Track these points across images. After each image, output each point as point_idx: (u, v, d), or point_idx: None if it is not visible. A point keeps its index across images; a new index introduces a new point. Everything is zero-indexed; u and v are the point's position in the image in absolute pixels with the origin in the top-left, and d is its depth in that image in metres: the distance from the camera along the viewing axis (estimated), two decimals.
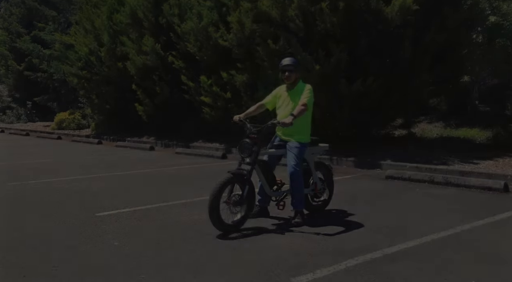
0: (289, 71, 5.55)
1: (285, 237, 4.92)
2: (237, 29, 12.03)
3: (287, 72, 5.56)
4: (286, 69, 5.57)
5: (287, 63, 5.58)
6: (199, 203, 6.54)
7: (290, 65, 5.56)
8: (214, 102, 13.03)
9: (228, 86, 12.79)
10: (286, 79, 5.61)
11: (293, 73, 5.56)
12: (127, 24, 16.21)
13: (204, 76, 13.08)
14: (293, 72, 5.56)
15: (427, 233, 4.94)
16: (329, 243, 4.66)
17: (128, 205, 6.46)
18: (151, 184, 8.12)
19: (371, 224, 5.35)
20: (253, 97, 12.20)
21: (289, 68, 5.56)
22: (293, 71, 5.56)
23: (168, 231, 5.17)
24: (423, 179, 7.96)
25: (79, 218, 5.78)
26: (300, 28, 10.82)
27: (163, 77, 14.93)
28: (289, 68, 5.55)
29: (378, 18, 9.89)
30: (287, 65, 5.57)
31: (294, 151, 5.42)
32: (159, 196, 7.10)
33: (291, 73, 5.55)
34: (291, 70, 5.55)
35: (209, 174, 9.17)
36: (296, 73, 5.58)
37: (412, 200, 6.71)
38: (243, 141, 5.27)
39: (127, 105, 17.24)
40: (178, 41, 14.19)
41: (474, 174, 8.15)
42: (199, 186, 7.82)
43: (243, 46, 12.12)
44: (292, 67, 5.56)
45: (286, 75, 5.57)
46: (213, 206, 4.92)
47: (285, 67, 5.58)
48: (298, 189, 5.38)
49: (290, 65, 5.56)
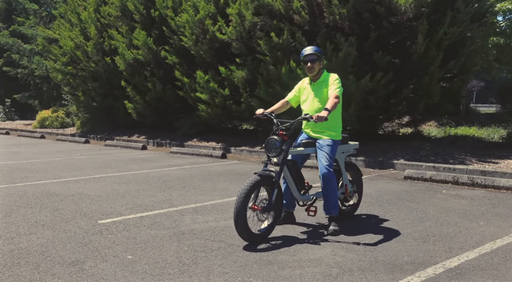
0: (311, 61, 4.95)
1: (324, 247, 4.31)
2: (236, 22, 11.39)
3: (309, 62, 4.96)
4: (308, 59, 4.96)
5: (310, 52, 4.97)
6: (211, 207, 5.93)
7: (312, 54, 4.95)
8: (211, 99, 12.37)
9: (226, 83, 12.15)
10: (309, 71, 5.01)
11: (316, 64, 4.96)
12: (116, 17, 15.44)
13: (200, 72, 12.42)
14: (316, 62, 4.96)
15: (482, 242, 4.40)
16: (377, 255, 4.07)
17: (133, 211, 5.80)
18: (152, 186, 7.45)
19: (412, 231, 4.79)
20: (253, 94, 11.61)
21: (311, 58, 4.95)
22: (316, 61, 4.96)
23: (186, 242, 4.53)
24: (446, 179, 7.46)
25: (81, 226, 5.09)
26: (305, 20, 10.25)
27: (155, 73, 14.21)
28: (312, 58, 4.95)
29: (391, 10, 9.36)
30: (310, 54, 4.96)
31: (326, 149, 4.82)
32: (164, 199, 6.45)
33: (314, 63, 4.95)
34: (314, 60, 4.95)
35: (212, 174, 8.56)
36: (319, 63, 4.99)
37: (443, 202, 6.17)
38: (270, 138, 4.64)
39: (115, 103, 16.48)
40: (171, 35, 13.48)
41: (498, 173, 7.69)
42: (206, 188, 7.20)
43: (243, 40, 11.49)
44: (315, 56, 4.96)
45: (308, 66, 4.97)
46: (239, 213, 4.29)
47: (307, 57, 4.97)
48: (331, 192, 4.78)
49: (313, 54, 4.95)
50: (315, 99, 4.98)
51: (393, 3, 9.27)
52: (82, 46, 16.39)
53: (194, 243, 4.48)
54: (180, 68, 13.37)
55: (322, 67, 5.05)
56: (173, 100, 14.23)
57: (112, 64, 15.56)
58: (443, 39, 9.67)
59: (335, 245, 4.39)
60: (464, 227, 4.94)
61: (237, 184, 7.63)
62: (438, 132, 12.86)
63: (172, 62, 13.50)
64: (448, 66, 10.05)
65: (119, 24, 15.35)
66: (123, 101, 15.66)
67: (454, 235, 4.64)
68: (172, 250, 4.28)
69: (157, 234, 4.81)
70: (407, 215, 5.53)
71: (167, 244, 4.46)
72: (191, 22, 12.55)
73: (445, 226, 4.99)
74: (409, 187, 7.32)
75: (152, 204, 6.18)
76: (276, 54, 10.76)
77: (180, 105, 14.35)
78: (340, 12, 9.59)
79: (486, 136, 11.49)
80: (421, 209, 5.81)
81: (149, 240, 4.59)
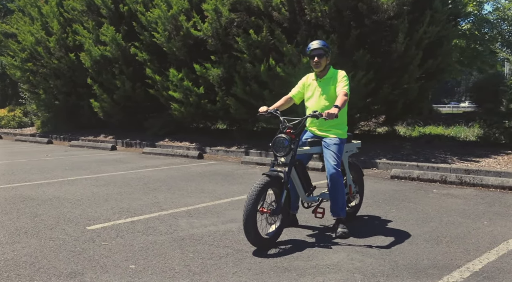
0: (318, 56, 4.72)
1: (337, 252, 4.11)
2: (212, 18, 11.08)
3: (316, 57, 4.73)
4: (315, 54, 4.74)
5: (317, 47, 4.74)
6: (205, 210, 5.64)
7: (319, 49, 4.73)
8: (185, 98, 11.99)
9: (200, 81, 11.80)
10: (315, 66, 4.78)
11: (323, 59, 4.74)
12: (81, 11, 14.80)
13: (173, 70, 12.02)
14: (324, 57, 4.75)
15: (496, 243, 4.31)
16: (396, 259, 3.90)
17: (121, 215, 5.42)
18: (135, 189, 7.06)
19: (420, 233, 4.66)
20: (229, 93, 11.34)
21: (318, 53, 4.72)
22: (323, 56, 4.74)
23: (189, 248, 4.22)
24: (434, 178, 7.43)
25: (68, 233, 4.69)
26: (285, 17, 10.05)
27: (124, 70, 13.68)
28: (319, 53, 4.72)
29: (372, 8, 9.30)
30: (317, 49, 4.73)
31: (334, 149, 4.62)
32: (152, 202, 6.09)
33: (321, 58, 4.72)
34: (321, 55, 4.72)
35: (194, 176, 8.24)
36: (327, 58, 4.78)
37: (439, 202, 6.10)
38: (278, 137, 4.39)
39: (80, 101, 15.83)
40: (142, 31, 13.01)
41: (482, 172, 7.73)
42: (192, 190, 6.88)
43: (219, 36, 11.18)
44: (322, 51, 4.73)
45: (315, 61, 4.74)
46: (249, 217, 4.02)
47: (314, 51, 4.74)
48: (340, 193, 4.59)
49: (320, 49, 4.73)
50: (321, 96, 4.77)
51: (374, 1, 9.21)
52: (44, 41, 15.64)
53: (198, 250, 4.18)
54: (151, 65, 12.92)
55: (328, 63, 4.84)
56: (143, 98, 13.75)
57: (77, 61, 14.91)
58: (422, 38, 9.71)
59: (348, 248, 4.20)
60: (471, 227, 4.85)
61: (224, 185, 7.35)
62: (407, 132, 12.96)
63: (142, 59, 13.03)
64: (427, 65, 10.11)
65: (85, 19, 14.71)
66: (88, 99, 15.03)
67: (464, 236, 4.54)
68: (177, 258, 3.96)
69: (155, 240, 4.48)
70: (408, 215, 5.41)
71: (170, 251, 4.14)
72: (163, 18, 12.14)
73: (451, 227, 4.89)
74: (398, 186, 7.25)
75: (140, 207, 5.82)
76: (254, 52, 10.52)
77: (151, 104, 13.88)
78: (322, 9, 9.45)
79: (459, 136, 11.65)
80: (420, 209, 5.71)
81: (148, 247, 4.25)
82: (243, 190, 6.90)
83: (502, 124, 9.30)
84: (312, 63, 4.79)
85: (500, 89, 9.36)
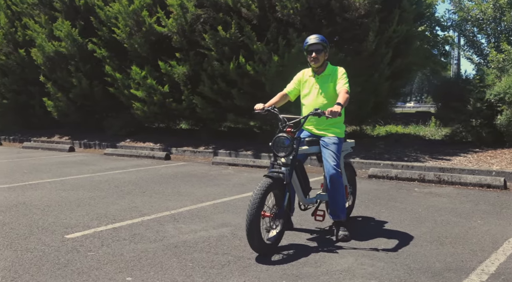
0: (317, 51, 4.52)
1: (344, 256, 3.92)
2: (178, 14, 10.69)
3: (314, 52, 4.53)
4: (313, 49, 4.54)
5: (315, 42, 4.54)
6: (189, 215, 5.34)
7: (318, 44, 4.53)
8: (148, 96, 11.52)
9: (165, 79, 11.38)
10: (313, 62, 4.58)
11: (321, 54, 4.55)
12: (31, 4, 13.98)
13: (136, 67, 11.52)
14: (322, 52, 4.56)
15: (498, 242, 4.25)
16: (407, 262, 3.75)
17: (100, 221, 5.02)
18: (107, 192, 6.62)
19: (420, 234, 4.55)
20: (196, 91, 11.00)
21: (317, 48, 4.53)
22: (321, 51, 4.55)
23: (186, 256, 3.91)
24: (412, 177, 7.43)
25: (46, 243, 4.25)
26: (255, 14, 9.82)
27: (80, 68, 13.03)
28: (317, 48, 4.53)
29: (344, 6, 9.23)
30: (315, 44, 4.54)
31: (333, 148, 4.43)
32: (130, 207, 5.70)
33: (319, 54, 4.53)
34: (319, 51, 4.53)
35: (166, 178, 7.89)
36: (325, 53, 4.59)
37: (425, 201, 6.05)
38: (279, 136, 4.14)
39: (31, 100, 14.96)
40: (100, 27, 12.42)
41: (457, 170, 7.81)
42: (169, 193, 6.55)
43: (185, 33, 10.81)
44: (321, 47, 4.55)
45: (313, 56, 4.54)
46: (253, 222, 3.76)
47: (312, 46, 4.55)
48: (340, 194, 4.40)
49: (318, 44, 4.53)
50: (319, 94, 4.57)
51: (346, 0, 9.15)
52: None
53: (196, 258, 3.88)
54: (111, 62, 12.35)
55: (326, 59, 4.65)
56: (101, 97, 13.13)
57: (27, 57, 14.09)
58: (392, 37, 9.75)
59: (354, 252, 4.02)
60: (466, 227, 4.80)
61: (201, 187, 7.04)
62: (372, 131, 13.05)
63: (101, 56, 12.44)
64: (396, 64, 10.17)
65: (36, 12, 13.91)
66: (40, 98, 14.24)
67: (464, 236, 4.46)
68: (176, 268, 3.65)
69: (146, 248, 4.13)
70: (401, 215, 5.31)
71: (166, 260, 3.81)
72: (124, 13, 11.62)
73: (447, 227, 4.82)
74: (378, 185, 7.18)
75: (119, 213, 5.42)
76: (222, 49, 10.23)
77: (110, 103, 13.27)
78: (293, 6, 9.29)
79: (425, 134, 11.84)
80: (409, 208, 5.64)
81: (140, 256, 3.91)
82: (222, 192, 6.62)
83: (470, 123, 9.46)
84: (309, 59, 4.59)
85: (467, 88, 9.52)
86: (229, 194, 6.49)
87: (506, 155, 8.67)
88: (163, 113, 11.83)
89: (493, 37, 11.94)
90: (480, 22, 12.01)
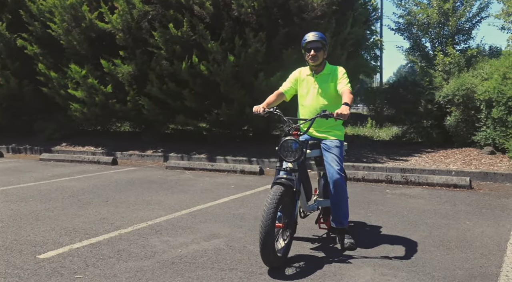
0: (315, 49, 4.27)
1: (359, 266, 3.68)
2: (123, 10, 10.04)
3: (313, 50, 4.28)
4: (312, 47, 4.29)
5: (313, 39, 4.29)
6: (169, 225, 4.91)
7: (317, 42, 4.28)
8: (89, 97, 10.72)
9: (107, 78, 10.65)
10: (311, 60, 4.32)
11: (320, 52, 4.31)
12: None
13: (75, 65, 10.67)
14: (321, 50, 4.32)
15: (501, 244, 4.23)
16: (428, 271, 3.59)
17: (72, 237, 4.43)
18: (64, 203, 5.94)
19: (420, 238, 4.43)
20: (142, 92, 10.40)
21: (316, 46, 4.28)
22: (320, 49, 4.31)
23: (189, 274, 3.48)
24: (379, 178, 7.42)
25: (19, 266, 3.64)
26: (209, 12, 9.43)
27: (8, 65, 11.91)
28: (316, 46, 4.28)
29: (301, 6, 9.09)
30: (313, 41, 4.29)
31: (336, 151, 4.19)
32: (98, 219, 5.13)
33: (318, 52, 4.29)
34: (318, 48, 4.28)
35: (123, 184, 7.32)
36: (324, 52, 4.36)
37: (404, 203, 6.00)
38: (287, 140, 3.82)
39: None
40: (31, 21, 11.41)
41: (417, 170, 7.93)
42: (135, 202, 6.04)
43: (131, 30, 10.17)
44: (320, 44, 4.30)
45: (311, 54, 4.28)
46: (269, 234, 3.43)
47: (311, 44, 4.29)
48: (344, 200, 4.17)
49: (317, 41, 4.28)
50: (319, 94, 4.31)
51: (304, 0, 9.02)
52: None
53: (201, 275, 3.47)
54: (44, 60, 11.39)
55: (325, 58, 4.42)
56: (31, 98, 12.07)
57: None
58: (347, 39, 9.77)
59: (367, 262, 3.80)
60: (460, 229, 4.76)
61: (166, 194, 6.55)
62: None
63: (33, 53, 11.44)
64: (349, 65, 10.19)
65: None
66: None
67: (464, 239, 4.40)
68: None
69: (140, 266, 3.65)
70: (389, 219, 5.20)
71: (169, 280, 3.38)
72: (60, 7, 10.75)
73: (441, 229, 4.74)
74: (350, 188, 7.02)
75: (89, 226, 4.84)
76: (173, 48, 9.72)
77: (41, 104, 12.22)
78: (250, 5, 9.01)
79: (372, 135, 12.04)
80: (394, 211, 5.55)
81: (139, 277, 3.44)
82: (193, 199, 6.20)
83: (420, 123, 9.69)
84: (307, 57, 4.32)
85: (417, 90, 9.75)
86: (201, 201, 6.07)
87: (457, 155, 8.97)
88: (105, 115, 11.08)
89: (437, 41, 12.44)
90: (426, 27, 12.43)
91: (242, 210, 5.61)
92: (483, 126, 9.08)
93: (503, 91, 8.26)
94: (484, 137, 8.98)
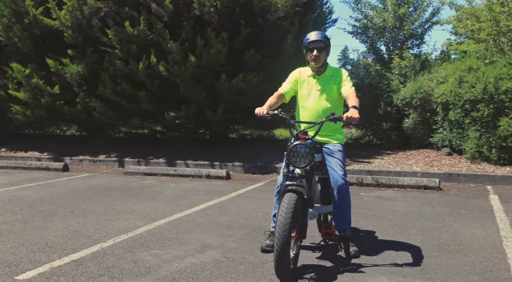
0: (318, 49, 4.04)
1: (372, 275, 3.52)
2: (73, 6, 9.41)
3: (315, 50, 4.05)
4: (315, 47, 4.04)
5: (316, 39, 4.05)
6: (153, 237, 4.56)
7: (319, 41, 4.05)
8: (33, 98, 9.95)
9: (54, 79, 9.93)
10: (313, 61, 4.09)
11: (323, 53, 4.10)
12: None
13: (17, 64, 9.87)
14: (324, 51, 4.12)
15: (497, 246, 4.24)
16: (442, 277, 3.48)
17: (49, 254, 3.96)
18: (24, 215, 5.37)
19: (417, 243, 4.36)
20: (93, 93, 9.81)
21: (318, 46, 4.04)
22: (323, 49, 4.10)
23: None
24: (351, 181, 7.33)
25: None
26: (168, 11, 9.03)
27: None
28: (319, 46, 4.04)
29: (264, 7, 8.92)
30: (316, 41, 4.05)
31: (339, 156, 4.02)
32: (71, 232, 4.65)
33: (321, 52, 4.06)
34: (321, 49, 4.05)
35: (83, 193, 6.84)
36: (327, 52, 4.18)
37: (384, 206, 5.94)
38: (296, 145, 3.59)
39: None
40: None
41: (384, 172, 7.98)
42: (105, 212, 5.62)
43: (81, 28, 9.55)
44: (323, 45, 4.08)
45: (314, 55, 4.05)
46: (285, 246, 3.21)
47: (314, 44, 4.06)
48: (347, 206, 4.01)
49: (320, 41, 4.06)
50: (321, 96, 4.11)
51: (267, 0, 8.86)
52: None
53: None
54: None
55: (327, 58, 4.24)
56: None
57: None
58: None
59: (378, 270, 3.65)
60: (450, 232, 4.73)
61: (136, 202, 6.12)
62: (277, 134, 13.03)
63: None
64: None
65: None
66: None
67: (460, 243, 4.36)
68: None
69: None
70: (378, 223, 5.11)
71: None
72: None
73: (433, 233, 4.70)
74: None
75: (63, 240, 4.36)
76: (128, 47, 9.22)
77: None
78: (212, 4, 8.72)
79: None
80: (379, 215, 5.48)
81: None
82: (166, 207, 5.82)
83: (380, 126, 9.81)
84: (309, 57, 4.11)
85: (375, 93, 9.87)
86: (177, 209, 5.71)
87: (417, 156, 9.14)
88: (52, 117, 10.34)
89: (391, 45, 12.71)
90: (381, 30, 12.66)
91: (224, 217, 5.32)
92: (439, 128, 9.32)
93: (460, 94, 8.50)
94: (441, 139, 9.22)
